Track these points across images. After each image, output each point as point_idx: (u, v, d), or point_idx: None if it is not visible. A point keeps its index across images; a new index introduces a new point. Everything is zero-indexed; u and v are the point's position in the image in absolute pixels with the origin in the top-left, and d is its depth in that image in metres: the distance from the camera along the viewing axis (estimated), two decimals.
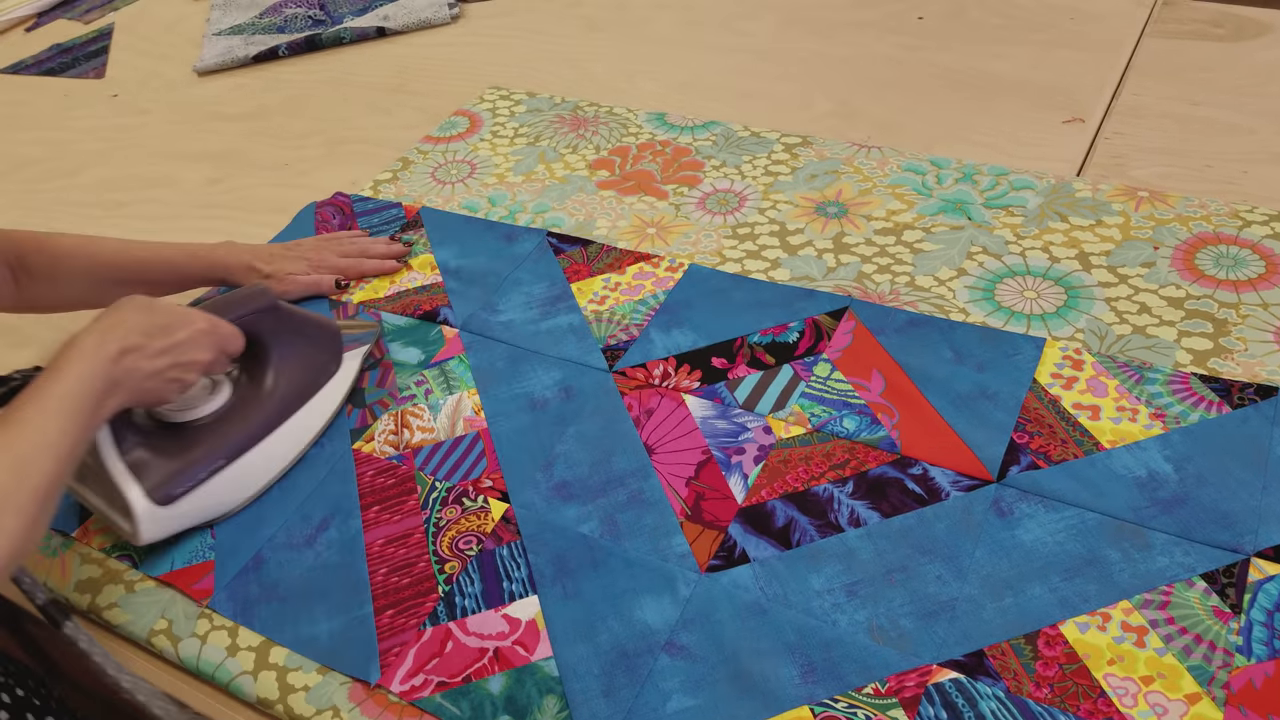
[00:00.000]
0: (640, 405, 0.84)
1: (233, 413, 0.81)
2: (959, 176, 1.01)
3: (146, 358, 0.71)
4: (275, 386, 0.83)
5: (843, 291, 0.90)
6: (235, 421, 0.81)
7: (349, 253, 1.04)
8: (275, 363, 0.83)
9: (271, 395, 0.82)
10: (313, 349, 0.86)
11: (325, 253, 1.03)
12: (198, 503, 0.78)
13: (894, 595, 0.67)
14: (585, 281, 0.97)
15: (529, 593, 0.72)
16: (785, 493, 0.75)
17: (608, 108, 1.24)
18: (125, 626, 0.76)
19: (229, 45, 1.57)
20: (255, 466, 0.82)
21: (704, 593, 0.70)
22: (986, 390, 0.79)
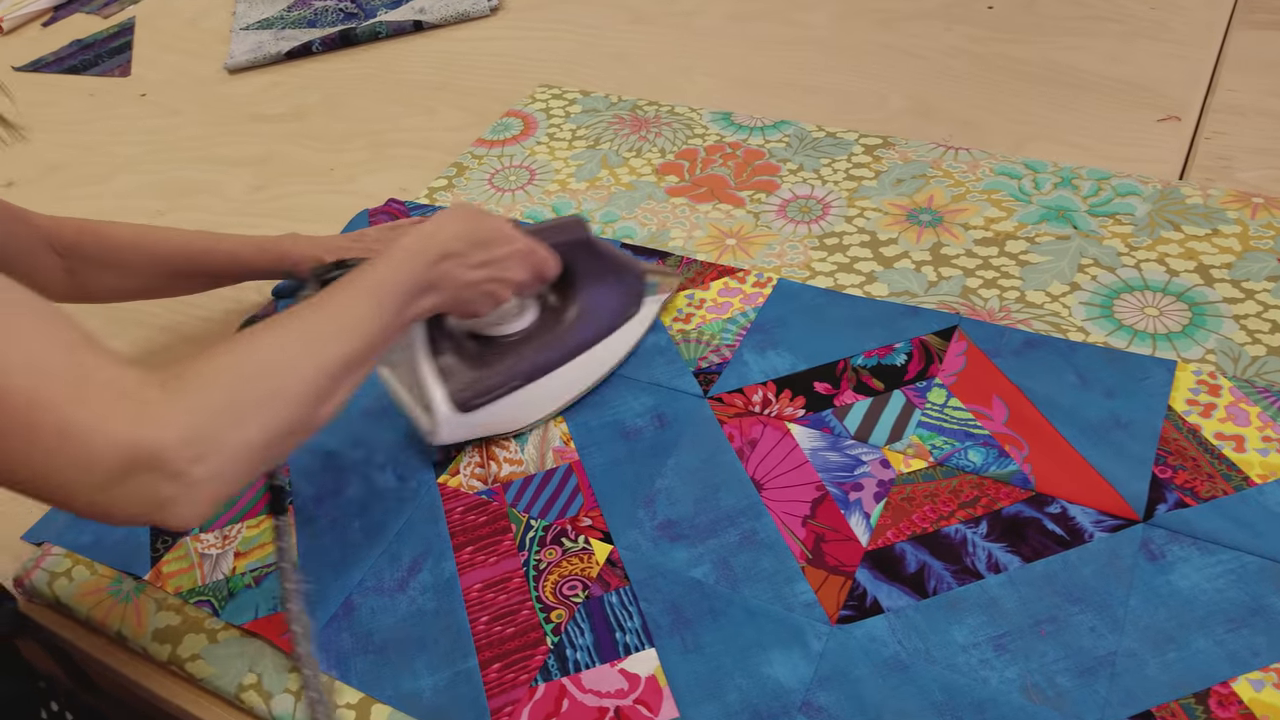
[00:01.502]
0: (742, 435, 0.79)
1: (536, 335, 0.82)
2: (1058, 181, 0.97)
3: (465, 267, 0.71)
4: (579, 317, 0.83)
5: (948, 308, 0.86)
6: (537, 344, 0.82)
7: None
8: (582, 294, 0.83)
9: (574, 325, 0.83)
10: (619, 287, 0.86)
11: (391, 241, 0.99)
12: (491, 415, 0.80)
13: (1046, 649, 0.63)
14: (667, 298, 0.92)
15: (645, 645, 0.68)
16: (913, 534, 0.70)
17: (669, 107, 1.19)
18: (211, 680, 0.71)
19: (259, 41, 1.51)
20: (548, 391, 0.83)
21: (838, 647, 0.65)
22: (1119, 419, 0.74)
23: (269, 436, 0.55)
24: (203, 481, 0.51)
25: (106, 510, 0.50)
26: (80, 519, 0.81)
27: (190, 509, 0.51)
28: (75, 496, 0.49)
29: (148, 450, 0.49)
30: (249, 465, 0.55)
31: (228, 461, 0.53)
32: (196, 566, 0.78)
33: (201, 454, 0.51)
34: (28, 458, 0.47)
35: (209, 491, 0.52)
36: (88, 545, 0.80)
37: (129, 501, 0.50)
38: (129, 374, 0.51)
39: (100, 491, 0.48)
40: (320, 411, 0.59)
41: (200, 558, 0.78)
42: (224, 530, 0.80)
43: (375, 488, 0.81)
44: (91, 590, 0.78)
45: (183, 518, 0.51)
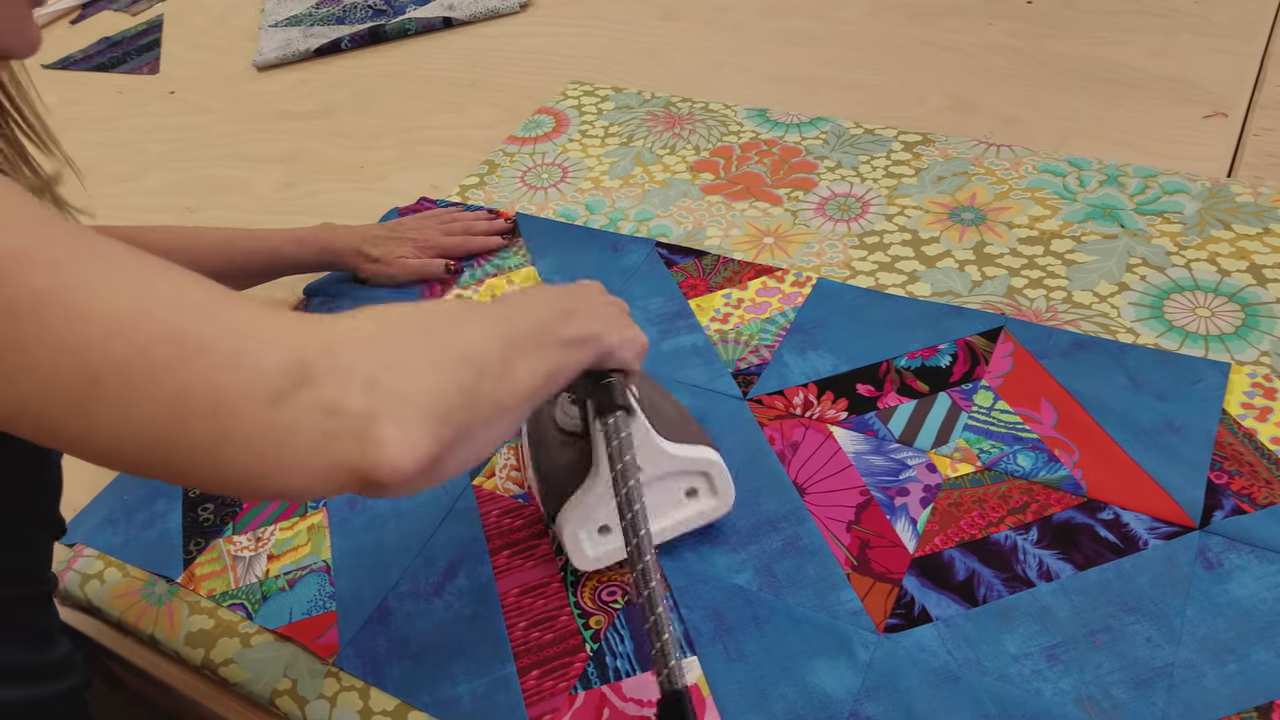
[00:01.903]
0: (783, 438, 0.78)
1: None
2: (1103, 179, 0.94)
3: (597, 296, 0.62)
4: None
5: (993, 309, 0.84)
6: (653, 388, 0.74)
7: (453, 231, 1.00)
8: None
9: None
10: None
11: (429, 232, 1.00)
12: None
13: (1101, 660, 0.61)
14: (704, 297, 0.91)
15: (687, 653, 0.66)
16: (961, 540, 0.68)
17: (703, 104, 1.17)
18: (245, 685, 0.70)
19: (288, 38, 1.50)
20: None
21: (885, 656, 0.64)
22: (1172, 423, 0.72)
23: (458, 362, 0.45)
24: (405, 394, 0.42)
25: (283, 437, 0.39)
26: (113, 519, 0.81)
27: (401, 434, 0.41)
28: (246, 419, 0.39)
29: (318, 347, 0.41)
30: (445, 386, 0.44)
31: (427, 372, 0.43)
32: (229, 569, 0.77)
33: (393, 354, 0.42)
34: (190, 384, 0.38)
35: (415, 408, 0.42)
36: (120, 546, 0.79)
37: (305, 418, 0.39)
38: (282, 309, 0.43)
39: (270, 405, 0.39)
40: (511, 368, 0.49)
41: (233, 560, 0.77)
42: (257, 532, 0.79)
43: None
44: (124, 593, 0.77)
45: (398, 450, 0.40)
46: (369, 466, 0.40)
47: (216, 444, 0.39)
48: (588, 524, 0.67)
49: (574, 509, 0.66)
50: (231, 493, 0.41)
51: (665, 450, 0.66)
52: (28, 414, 0.39)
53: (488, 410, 0.47)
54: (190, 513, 0.81)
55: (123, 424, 0.38)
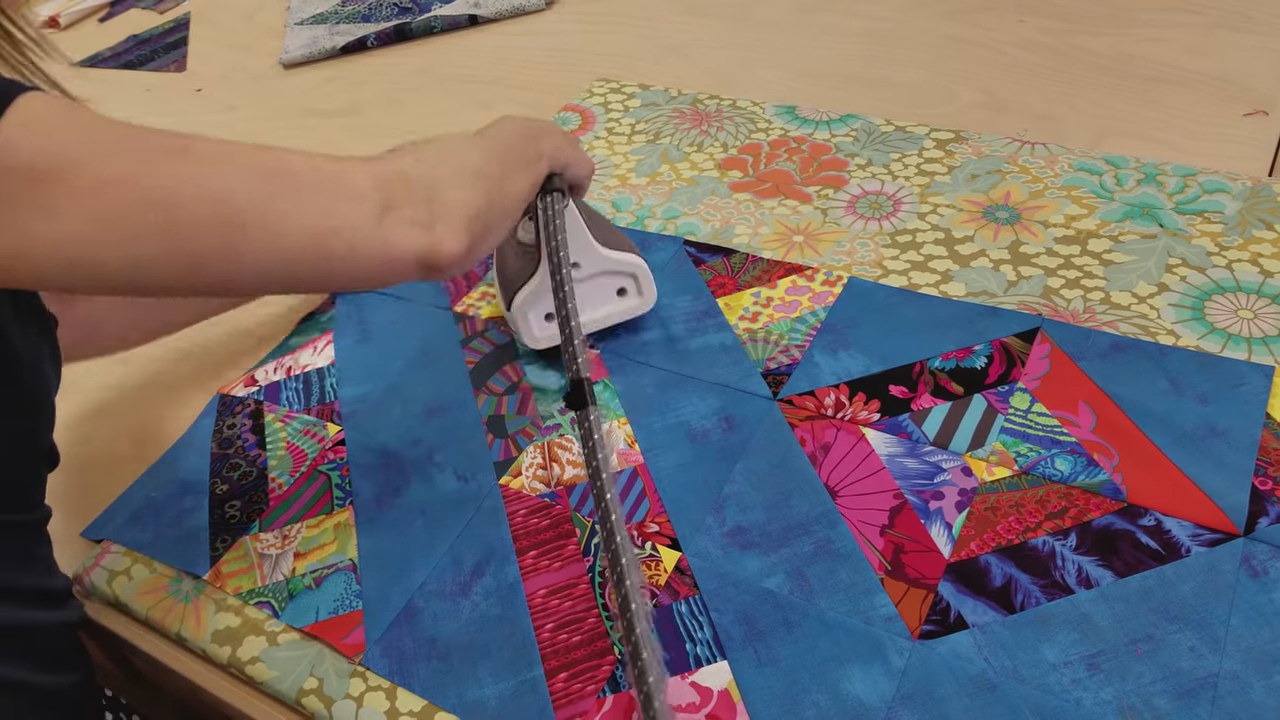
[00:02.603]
0: (814, 439, 0.76)
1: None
2: (1141, 177, 0.93)
3: (552, 125, 0.77)
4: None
5: (1029, 309, 0.82)
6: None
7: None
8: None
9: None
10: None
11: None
12: None
13: (1143, 669, 0.60)
14: (732, 296, 0.90)
15: (717, 657, 0.65)
16: (998, 546, 0.67)
17: (730, 100, 1.16)
18: (271, 684, 0.70)
19: (314, 35, 1.50)
20: None
21: (920, 663, 0.62)
22: (1215, 427, 0.71)
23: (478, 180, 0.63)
24: (449, 205, 0.59)
25: (389, 240, 0.57)
26: (140, 516, 0.80)
27: (450, 232, 0.59)
28: (364, 234, 0.56)
29: (397, 174, 0.58)
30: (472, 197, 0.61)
31: (459, 188, 0.61)
32: (256, 567, 0.76)
33: (436, 178, 0.60)
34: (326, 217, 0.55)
35: (457, 214, 0.60)
36: (147, 543, 0.79)
37: (402, 228, 0.57)
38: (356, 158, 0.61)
39: (378, 222, 0.56)
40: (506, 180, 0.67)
41: (260, 558, 0.77)
42: (283, 530, 0.78)
43: (436, 487, 0.79)
44: (151, 589, 0.76)
45: (450, 244, 0.59)
46: (435, 255, 0.59)
47: (346, 256, 0.55)
48: (536, 308, 0.83)
49: (524, 295, 0.82)
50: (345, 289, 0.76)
51: (598, 250, 0.82)
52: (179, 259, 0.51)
53: (497, 212, 0.65)
54: (217, 510, 0.80)
55: (268, 255, 0.53)
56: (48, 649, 0.66)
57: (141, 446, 0.88)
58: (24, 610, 0.64)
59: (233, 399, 0.91)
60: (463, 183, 0.61)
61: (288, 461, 0.83)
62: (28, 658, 0.64)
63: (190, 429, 0.89)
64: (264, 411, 0.88)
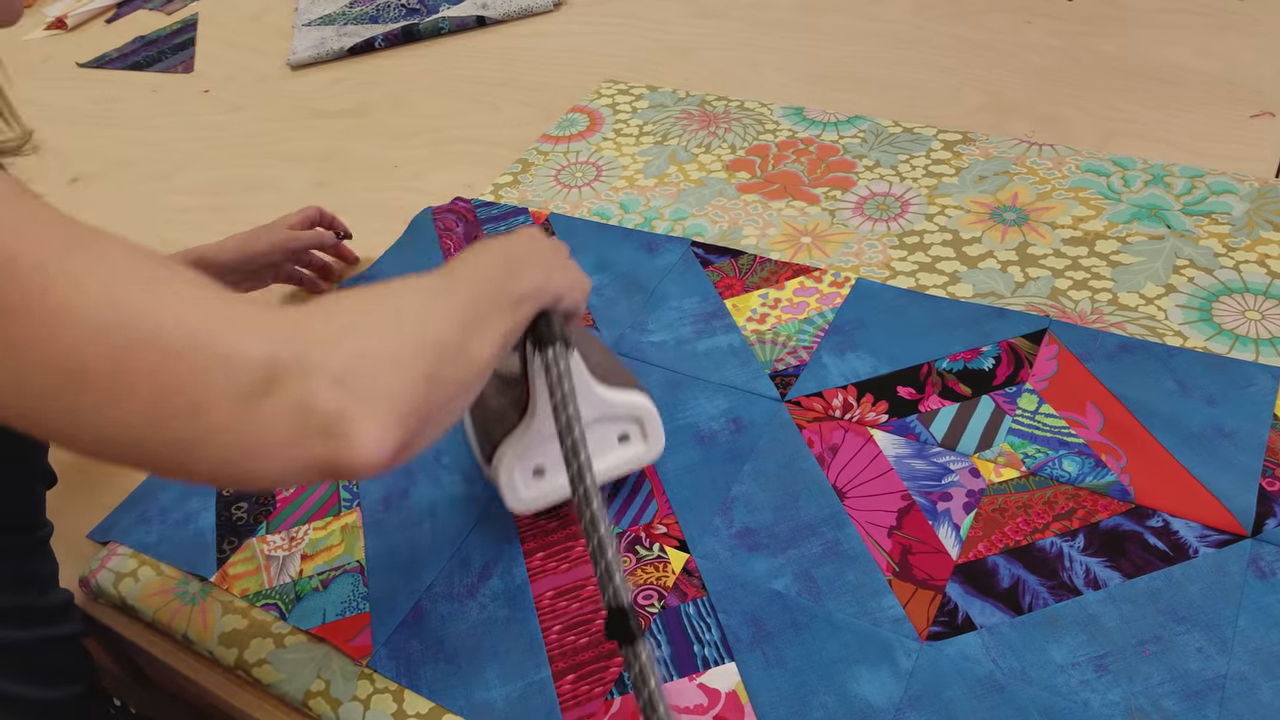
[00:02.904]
0: (822, 441, 0.76)
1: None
2: (1148, 179, 0.93)
3: (541, 242, 0.63)
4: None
5: (1037, 310, 0.82)
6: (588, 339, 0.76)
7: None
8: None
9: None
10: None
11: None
12: None
13: (1150, 671, 0.60)
14: (740, 297, 0.90)
15: (725, 659, 0.65)
16: (1006, 547, 0.67)
17: (738, 102, 1.16)
18: (278, 686, 0.70)
19: (321, 37, 1.50)
20: None
21: (928, 664, 0.62)
22: (1222, 428, 0.71)
23: (422, 351, 0.48)
24: (375, 387, 0.44)
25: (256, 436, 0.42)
26: (146, 517, 0.81)
27: (372, 426, 0.43)
28: (224, 420, 0.41)
29: (303, 336, 0.43)
30: (411, 378, 0.46)
31: (394, 367, 0.46)
32: (263, 569, 0.76)
33: (357, 352, 0.44)
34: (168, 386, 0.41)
35: (383, 402, 0.44)
36: (153, 545, 0.79)
37: (278, 418, 0.42)
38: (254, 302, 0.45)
39: (245, 407, 0.41)
40: (468, 346, 0.52)
41: (267, 560, 0.77)
42: (290, 532, 0.78)
43: (444, 489, 0.79)
44: (158, 591, 0.76)
45: (369, 443, 0.43)
46: (340, 460, 0.43)
47: (196, 441, 0.41)
48: (523, 464, 0.69)
49: (511, 448, 0.68)
50: (208, 484, 0.45)
51: (598, 394, 0.68)
52: (14, 410, 0.41)
53: (451, 390, 0.50)
54: (224, 511, 0.81)
55: (106, 422, 0.41)
56: (47, 664, 0.66)
57: None
58: (21, 630, 0.64)
59: None
60: (401, 356, 0.46)
61: None
62: (26, 673, 0.64)
63: None
64: None
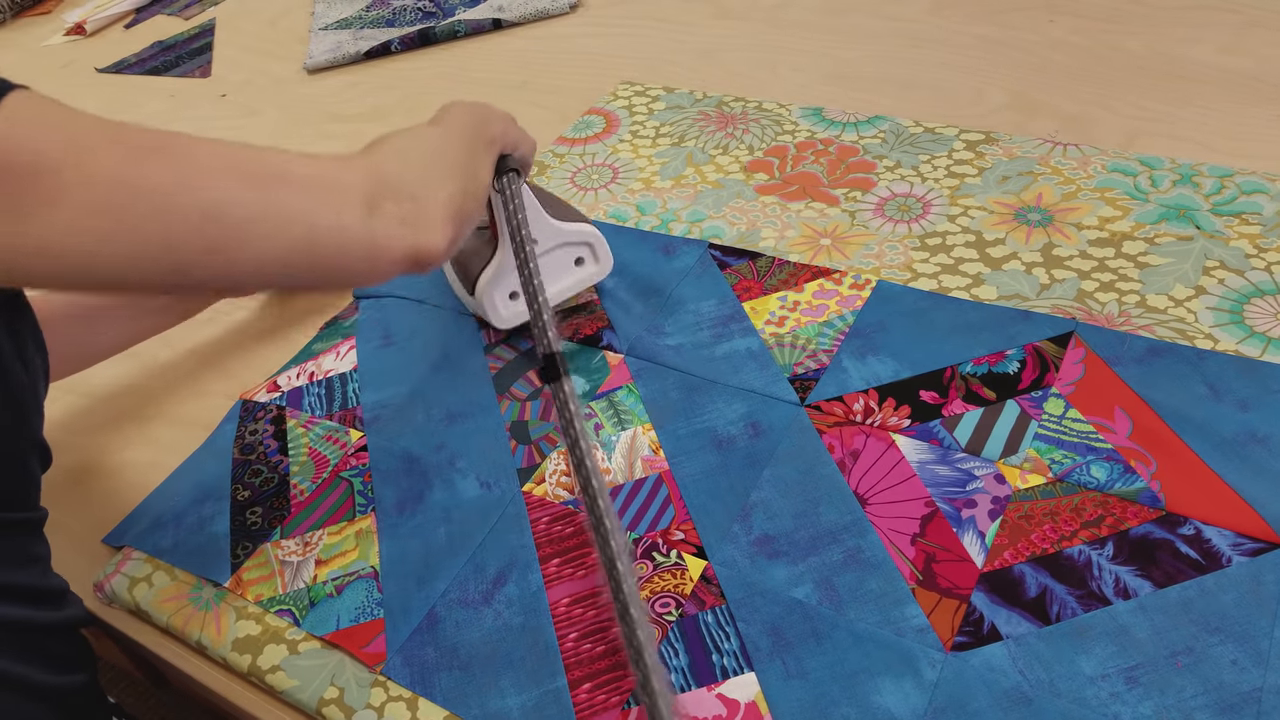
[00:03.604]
0: (843, 446, 0.75)
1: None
2: (1176, 178, 0.91)
3: (493, 108, 0.78)
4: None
5: (1063, 313, 0.81)
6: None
7: None
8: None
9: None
10: None
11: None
12: None
13: (1183, 683, 0.58)
14: (759, 300, 0.89)
15: (744, 669, 0.64)
16: (1033, 555, 0.66)
17: (756, 102, 1.15)
18: (291, 693, 0.69)
19: (338, 40, 1.50)
20: None
21: (953, 676, 0.61)
22: (1255, 433, 0.69)
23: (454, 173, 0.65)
24: (432, 200, 0.61)
25: (376, 238, 0.57)
26: (161, 522, 0.80)
27: (434, 227, 0.60)
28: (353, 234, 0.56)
29: (379, 173, 0.59)
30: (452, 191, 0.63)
31: (440, 183, 0.62)
32: (277, 574, 0.75)
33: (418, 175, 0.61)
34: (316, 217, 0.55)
35: (439, 209, 0.61)
36: (167, 550, 0.78)
37: (389, 226, 0.57)
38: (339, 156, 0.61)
39: (365, 221, 0.56)
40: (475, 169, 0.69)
41: (281, 565, 0.76)
42: (305, 537, 0.77)
43: (459, 494, 0.78)
44: (172, 596, 0.76)
45: (435, 239, 0.60)
46: (422, 251, 0.60)
47: (341, 252, 0.56)
48: (500, 288, 0.85)
49: (489, 277, 0.84)
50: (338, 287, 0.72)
51: (554, 225, 0.84)
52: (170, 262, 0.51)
53: (473, 202, 0.67)
54: (238, 516, 0.80)
55: (261, 256, 0.53)
56: (46, 647, 0.66)
57: (163, 453, 0.87)
58: (21, 608, 0.64)
59: (255, 404, 0.90)
60: (443, 177, 0.63)
61: (310, 467, 0.83)
62: (26, 653, 0.64)
63: (212, 435, 0.88)
64: (286, 417, 0.88)
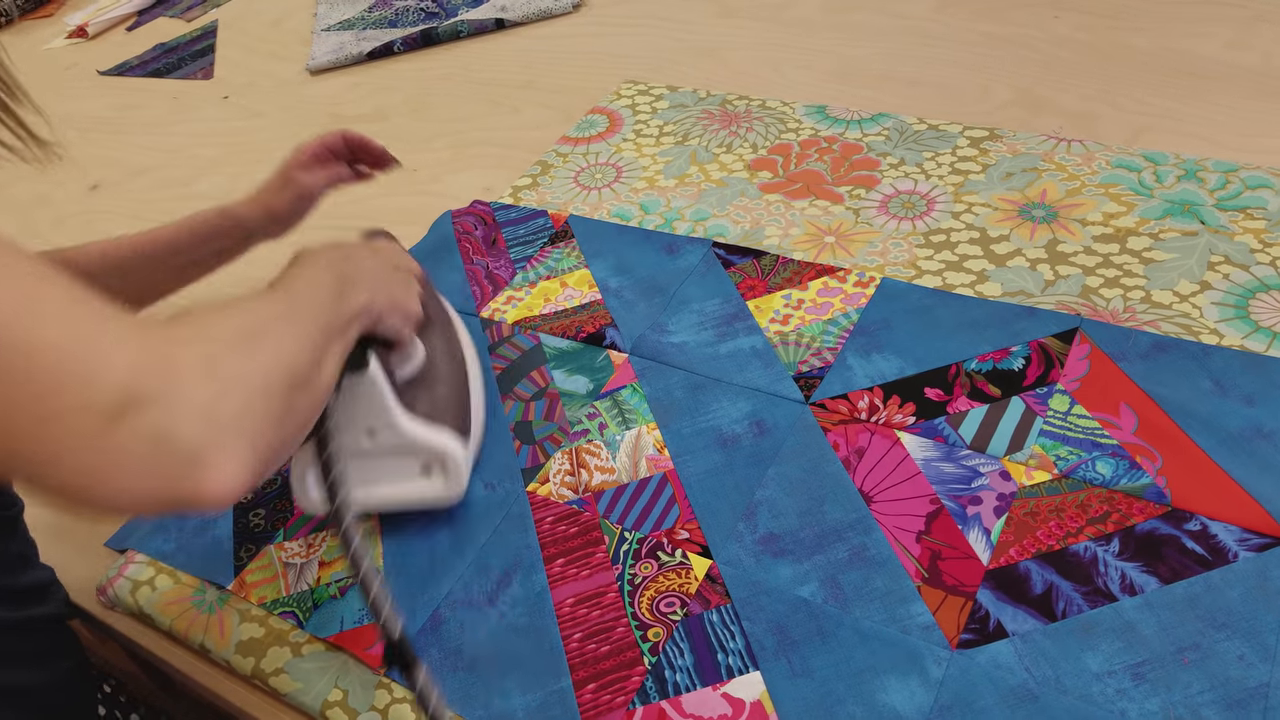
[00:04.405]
0: (848, 444, 0.75)
1: (438, 362, 0.77)
2: (1181, 174, 0.91)
3: (369, 260, 0.66)
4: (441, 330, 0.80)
5: (1068, 309, 0.80)
6: (448, 366, 0.78)
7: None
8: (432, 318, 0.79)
9: (446, 337, 0.80)
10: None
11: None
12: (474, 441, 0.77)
13: (1190, 679, 0.58)
14: (763, 298, 0.88)
15: (750, 668, 0.64)
16: (1038, 552, 0.65)
17: (759, 101, 1.14)
18: (295, 696, 0.69)
19: (340, 42, 1.50)
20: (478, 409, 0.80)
21: (959, 674, 0.61)
22: (1261, 428, 0.69)
23: (280, 384, 0.48)
24: (238, 419, 0.44)
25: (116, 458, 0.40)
26: (163, 525, 0.80)
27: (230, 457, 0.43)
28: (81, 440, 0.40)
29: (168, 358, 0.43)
30: (271, 412, 0.47)
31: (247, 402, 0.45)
32: (280, 576, 0.75)
33: (220, 388, 0.44)
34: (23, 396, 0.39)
35: (244, 434, 0.44)
36: (170, 553, 0.78)
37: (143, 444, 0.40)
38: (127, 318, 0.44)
39: (107, 427, 0.40)
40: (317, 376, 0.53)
41: (284, 567, 0.76)
42: (308, 539, 0.77)
43: (464, 495, 0.78)
44: (175, 600, 0.76)
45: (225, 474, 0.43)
46: (190, 495, 0.42)
47: (48, 458, 0.40)
48: (315, 470, 0.68)
49: (304, 450, 0.69)
50: (57, 502, 0.41)
51: (400, 424, 0.69)
52: None
53: (300, 419, 0.52)
54: (241, 519, 0.80)
55: None
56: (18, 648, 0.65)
57: None
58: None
59: None
60: (262, 391, 0.46)
61: None
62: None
63: None
64: None
